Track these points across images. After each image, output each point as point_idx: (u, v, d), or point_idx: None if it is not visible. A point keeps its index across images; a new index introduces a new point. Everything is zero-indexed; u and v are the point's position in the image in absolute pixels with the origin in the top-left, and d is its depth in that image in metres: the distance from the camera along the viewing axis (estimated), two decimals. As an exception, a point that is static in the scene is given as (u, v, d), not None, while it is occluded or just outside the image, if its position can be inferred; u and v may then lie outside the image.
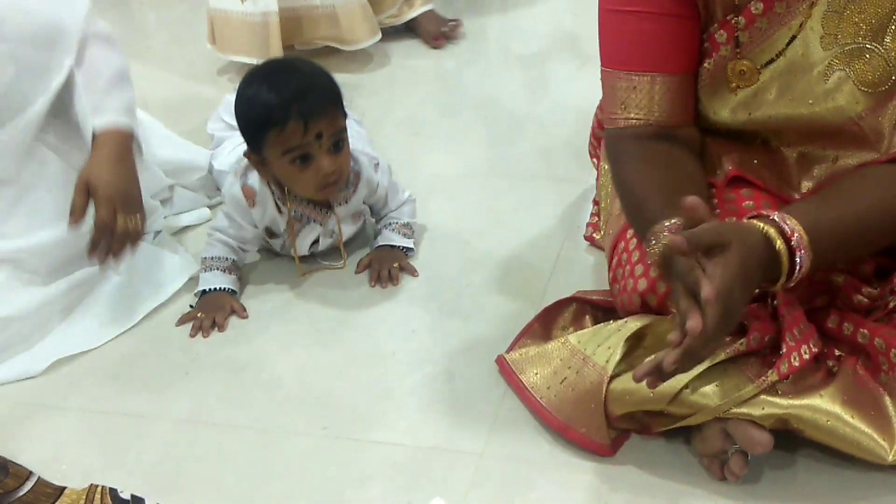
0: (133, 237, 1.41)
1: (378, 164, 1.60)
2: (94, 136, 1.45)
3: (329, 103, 1.44)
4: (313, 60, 1.56)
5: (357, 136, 1.75)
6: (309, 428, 1.29)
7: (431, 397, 1.31)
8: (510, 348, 1.35)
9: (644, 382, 1.02)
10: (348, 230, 1.61)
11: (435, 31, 2.47)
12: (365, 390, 1.34)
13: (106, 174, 1.40)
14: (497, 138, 2.02)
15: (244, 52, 2.28)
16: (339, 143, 1.46)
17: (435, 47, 2.45)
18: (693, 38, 1.22)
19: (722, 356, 1.10)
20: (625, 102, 1.23)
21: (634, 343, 1.17)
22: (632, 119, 1.22)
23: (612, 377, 1.15)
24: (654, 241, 1.08)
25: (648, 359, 1.03)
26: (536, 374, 1.25)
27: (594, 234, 1.57)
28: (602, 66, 1.26)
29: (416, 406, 1.30)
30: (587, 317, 1.35)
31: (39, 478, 1.23)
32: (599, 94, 1.35)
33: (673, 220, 1.07)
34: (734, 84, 1.21)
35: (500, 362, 1.32)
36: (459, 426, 1.26)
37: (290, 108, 1.40)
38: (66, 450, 1.29)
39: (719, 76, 1.21)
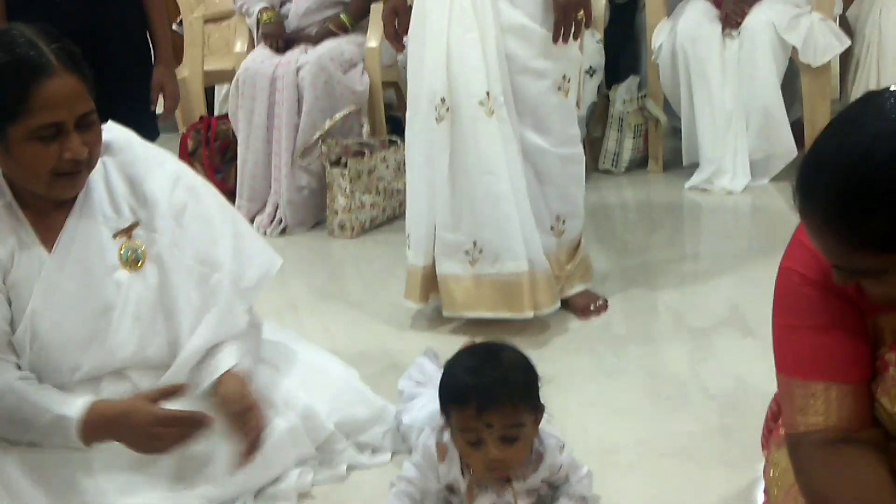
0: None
1: (563, 446, 1.69)
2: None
3: (508, 400, 1.55)
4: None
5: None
6: None
7: None
8: None
9: None
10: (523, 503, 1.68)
11: (584, 307, 2.63)
12: None
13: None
14: (667, 411, 2.09)
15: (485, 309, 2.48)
16: (511, 437, 1.56)
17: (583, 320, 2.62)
18: (865, 352, 1.29)
19: None
20: (803, 409, 1.30)
21: None
22: (811, 424, 1.29)
23: None
24: None
25: None
26: None
27: (766, 524, 1.59)
28: (778, 371, 1.35)
29: None
30: None
31: None
32: (766, 375, 1.41)
33: None
34: None
35: None
36: None
37: (470, 394, 1.55)
38: None
39: (883, 398, 1.27)
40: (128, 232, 1.71)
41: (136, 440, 1.60)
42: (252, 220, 3.64)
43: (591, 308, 2.64)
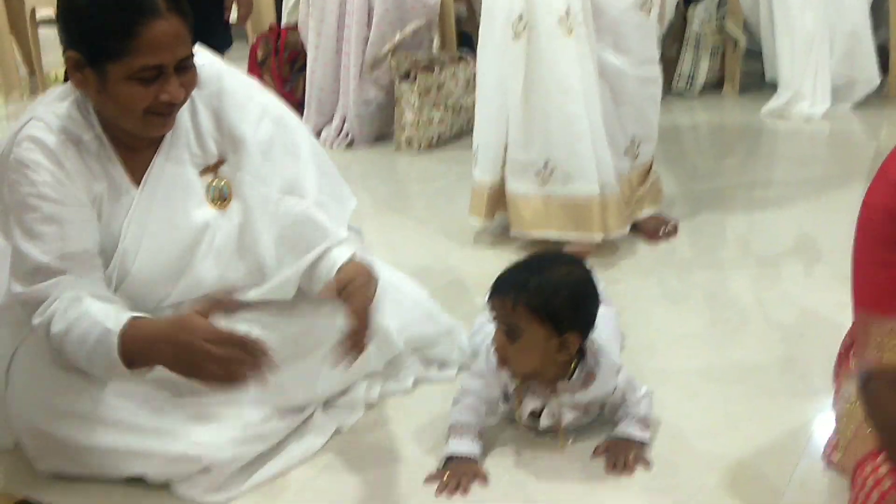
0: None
1: (620, 369, 1.70)
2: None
3: (511, 292, 1.62)
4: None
5: (605, 325, 1.88)
6: None
7: None
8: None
9: None
10: (570, 417, 1.70)
11: (654, 231, 2.61)
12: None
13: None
14: (732, 339, 2.08)
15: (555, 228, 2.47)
16: (511, 333, 1.62)
17: (651, 244, 2.59)
18: None
19: None
20: (880, 346, 1.28)
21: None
22: (887, 361, 1.27)
23: None
24: None
25: None
26: None
27: (832, 456, 1.59)
28: (855, 307, 1.32)
29: None
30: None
31: None
32: (834, 306, 1.39)
33: None
34: None
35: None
36: None
37: (497, 277, 1.66)
38: None
39: None
40: (214, 169, 1.72)
41: (182, 359, 1.45)
42: (319, 133, 3.65)
43: (661, 232, 2.61)
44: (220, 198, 1.70)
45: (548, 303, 1.60)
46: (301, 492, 1.65)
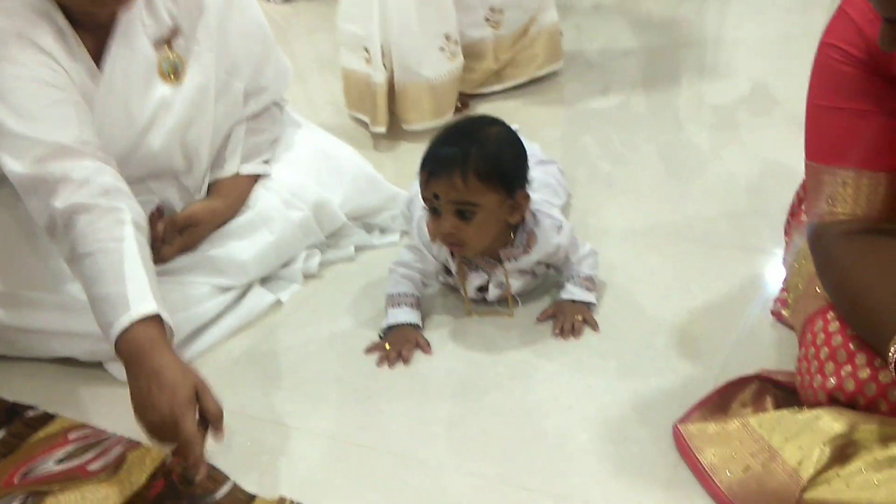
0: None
1: (561, 227, 1.62)
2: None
3: (457, 168, 1.47)
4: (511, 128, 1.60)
5: (545, 186, 1.80)
6: (483, 470, 1.34)
7: (604, 456, 1.33)
8: (686, 417, 1.36)
9: (862, 493, 1.00)
10: (518, 283, 1.64)
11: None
12: (539, 441, 1.38)
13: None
14: (685, 196, 2.02)
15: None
16: (463, 212, 1.50)
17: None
18: None
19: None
20: (831, 197, 1.22)
21: (839, 453, 1.14)
22: (838, 214, 1.21)
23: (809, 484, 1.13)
24: None
25: None
26: (714, 454, 1.25)
27: (782, 311, 1.56)
28: (807, 158, 1.26)
29: (587, 463, 1.33)
30: (769, 397, 1.34)
31: (235, 483, 1.33)
32: (790, 158, 1.33)
33: None
34: None
35: (676, 433, 1.33)
36: (631, 489, 1.27)
37: (426, 161, 1.51)
38: (261, 460, 1.40)
39: None
40: (168, 42, 1.60)
41: (148, 412, 1.25)
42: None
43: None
44: (175, 72, 1.60)
45: (497, 166, 1.50)
46: (238, 362, 1.61)
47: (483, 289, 1.65)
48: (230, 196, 1.75)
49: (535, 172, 1.66)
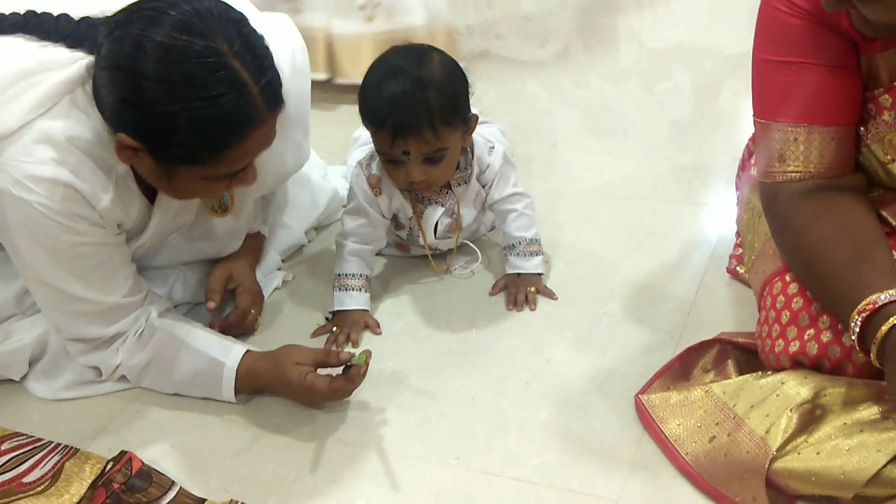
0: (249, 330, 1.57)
1: (493, 148, 1.56)
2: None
3: (426, 123, 1.39)
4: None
5: (487, 127, 1.74)
6: (441, 456, 1.28)
7: (566, 434, 1.29)
8: (647, 387, 1.32)
9: (833, 461, 0.97)
10: (469, 215, 1.58)
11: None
12: (497, 420, 1.33)
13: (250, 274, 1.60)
14: (629, 149, 1.97)
15: None
16: (432, 158, 1.44)
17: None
18: (854, 92, 1.16)
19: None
20: (781, 155, 1.17)
21: (807, 418, 1.11)
22: (790, 172, 1.17)
23: (778, 454, 1.10)
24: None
25: None
26: (679, 425, 1.21)
27: (738, 268, 1.52)
28: (755, 116, 1.21)
29: (549, 442, 1.28)
30: (730, 361, 1.30)
31: (181, 488, 1.26)
32: (735, 109, 1.28)
33: (891, 292, 1.02)
34: (889, 157, 1.15)
35: (638, 404, 1.29)
36: (595, 467, 1.23)
37: (385, 118, 1.40)
38: (210, 460, 1.33)
39: (875, 145, 1.15)
40: None
41: (289, 391, 1.40)
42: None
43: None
44: (222, 208, 1.54)
45: (455, 104, 1.43)
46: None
47: (437, 227, 1.58)
48: (251, 248, 1.66)
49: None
